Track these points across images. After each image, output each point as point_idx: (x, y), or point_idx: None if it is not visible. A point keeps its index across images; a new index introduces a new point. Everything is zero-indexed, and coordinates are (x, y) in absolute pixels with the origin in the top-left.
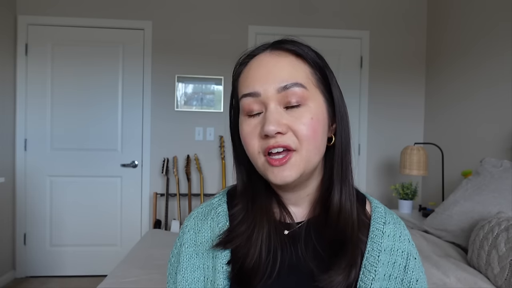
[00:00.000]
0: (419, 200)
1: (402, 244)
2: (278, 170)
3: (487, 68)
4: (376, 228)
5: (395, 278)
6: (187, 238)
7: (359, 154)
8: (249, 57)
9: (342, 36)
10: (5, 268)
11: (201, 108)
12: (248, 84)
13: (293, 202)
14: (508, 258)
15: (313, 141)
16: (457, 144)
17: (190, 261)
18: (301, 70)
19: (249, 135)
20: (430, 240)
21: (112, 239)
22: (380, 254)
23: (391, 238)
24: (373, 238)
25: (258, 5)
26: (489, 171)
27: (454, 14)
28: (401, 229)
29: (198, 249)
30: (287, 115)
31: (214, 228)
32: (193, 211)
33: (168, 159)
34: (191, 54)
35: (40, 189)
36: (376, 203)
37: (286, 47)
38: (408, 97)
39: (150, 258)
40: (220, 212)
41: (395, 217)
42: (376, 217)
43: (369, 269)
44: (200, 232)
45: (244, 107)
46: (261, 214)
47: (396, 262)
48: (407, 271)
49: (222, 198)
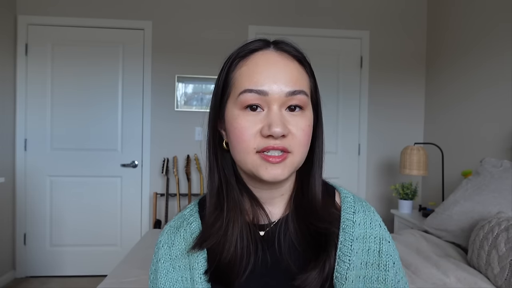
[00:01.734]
0: (419, 200)
1: (374, 230)
2: (272, 167)
3: (487, 68)
4: (347, 218)
5: (371, 265)
6: (162, 253)
7: (359, 154)
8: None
9: (342, 36)
10: (5, 268)
11: (201, 108)
12: (256, 80)
13: (268, 201)
14: (508, 258)
15: (305, 146)
16: (457, 144)
17: (168, 275)
18: (304, 78)
19: (246, 131)
20: (430, 240)
21: (112, 239)
22: (353, 243)
23: (362, 226)
24: (344, 228)
25: (258, 5)
26: (489, 171)
27: (454, 14)
28: (371, 215)
29: (174, 263)
30: (290, 119)
31: (188, 238)
32: (166, 226)
33: (168, 159)
34: (191, 54)
35: (40, 189)
36: (345, 193)
37: (291, 51)
38: (408, 97)
39: (150, 258)
40: (192, 221)
41: (364, 204)
42: (345, 207)
43: (343, 259)
44: (174, 246)
45: (243, 101)
46: (234, 211)
47: (370, 248)
48: (382, 255)
49: (194, 208)
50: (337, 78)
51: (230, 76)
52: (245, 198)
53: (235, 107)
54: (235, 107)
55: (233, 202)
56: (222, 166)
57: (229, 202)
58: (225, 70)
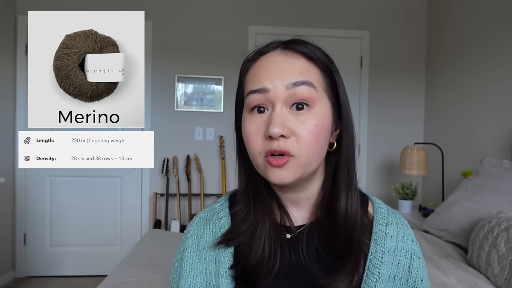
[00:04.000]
0: (419, 200)
1: (406, 244)
2: (277, 171)
3: (487, 68)
4: (379, 230)
5: (399, 279)
6: (190, 243)
7: (359, 154)
8: (258, 54)
9: (342, 36)
10: (5, 268)
11: (201, 108)
12: (258, 80)
13: (294, 204)
14: (508, 258)
15: (314, 147)
16: (457, 144)
17: (192, 266)
18: (312, 72)
19: (253, 134)
20: (430, 240)
21: (112, 239)
22: (384, 256)
23: (394, 238)
24: (376, 240)
25: (258, 5)
26: (489, 171)
27: (454, 14)
28: (404, 229)
29: (201, 254)
30: (293, 118)
31: (216, 232)
32: (196, 217)
33: (168, 159)
34: (191, 54)
35: (40, 189)
36: (379, 203)
37: (298, 48)
38: (408, 97)
39: (150, 258)
40: (222, 216)
41: (398, 216)
42: (378, 218)
43: (372, 271)
44: (202, 237)
45: (249, 104)
46: (263, 213)
47: (400, 262)
48: (412, 271)
49: (224, 203)
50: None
51: (241, 80)
52: (273, 200)
53: (245, 110)
54: (245, 111)
55: (261, 204)
56: (249, 169)
57: (256, 204)
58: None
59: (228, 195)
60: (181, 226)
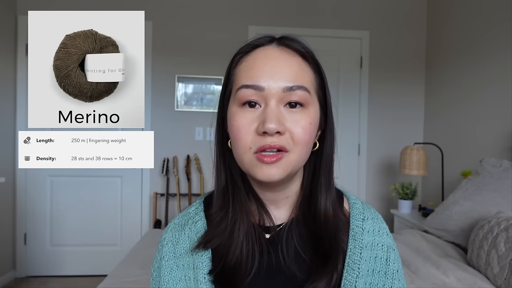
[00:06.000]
0: (419, 200)
1: (382, 238)
2: (267, 167)
3: (486, 68)
4: (356, 226)
5: (378, 272)
6: (166, 251)
7: (359, 154)
8: (251, 47)
9: (342, 36)
10: (5, 268)
11: (201, 108)
12: (252, 75)
13: (272, 203)
14: (507, 258)
15: (306, 145)
16: (457, 144)
17: (171, 274)
18: (307, 74)
19: (243, 129)
20: (430, 240)
21: (112, 239)
22: (362, 251)
23: (371, 233)
24: (353, 235)
25: (258, 6)
26: (489, 171)
27: (453, 14)
28: (379, 223)
29: (178, 261)
30: (287, 116)
31: (193, 237)
32: (170, 223)
33: (168, 159)
34: (191, 54)
35: (41, 188)
36: (354, 199)
37: (294, 46)
38: (408, 97)
39: (150, 258)
40: (197, 220)
41: (373, 211)
42: (354, 214)
43: (352, 267)
44: (178, 244)
45: (241, 98)
46: (240, 212)
47: (378, 256)
48: (389, 263)
49: (199, 206)
50: (337, 78)
51: (231, 73)
52: (251, 199)
53: (233, 104)
54: (233, 104)
55: (239, 203)
56: (229, 166)
57: (235, 203)
58: (228, 67)
59: (202, 198)
60: None
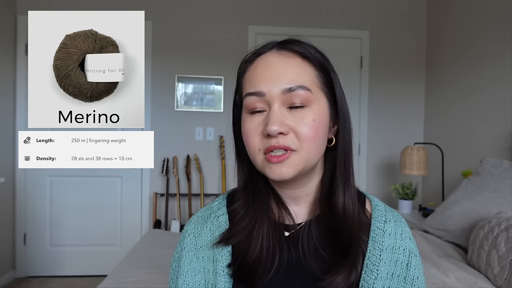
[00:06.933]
0: (419, 200)
1: (404, 242)
2: (276, 167)
3: (486, 68)
4: (377, 227)
5: (397, 277)
6: (188, 242)
7: (359, 154)
8: (255, 55)
9: (342, 36)
10: (5, 268)
11: (201, 108)
12: (254, 83)
13: (293, 201)
14: (508, 258)
15: (314, 142)
16: (457, 144)
17: (191, 265)
18: (307, 73)
19: (251, 132)
20: (430, 240)
21: (112, 239)
22: (382, 253)
23: (392, 236)
24: (374, 237)
25: (258, 5)
26: (489, 171)
27: (454, 14)
28: (402, 226)
29: (199, 253)
30: (290, 116)
31: (214, 231)
32: (193, 216)
33: (168, 159)
34: (191, 54)
35: (40, 189)
36: (376, 201)
37: (293, 48)
38: (408, 97)
39: (150, 258)
40: (220, 215)
41: (396, 214)
42: (376, 216)
43: (371, 268)
44: (200, 236)
45: (247, 105)
46: (261, 211)
47: (398, 260)
48: (410, 268)
49: (222, 201)
50: None
51: (240, 81)
52: (271, 197)
53: (244, 111)
54: (244, 111)
55: (259, 202)
56: (248, 167)
57: (255, 201)
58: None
59: (226, 194)
60: (181, 226)
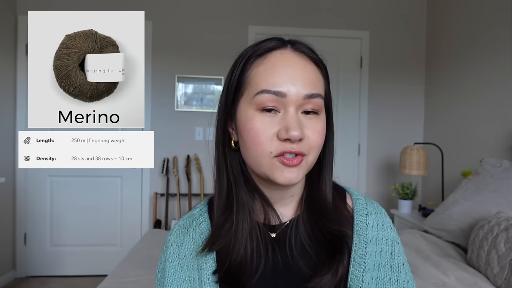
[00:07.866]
0: (419, 200)
1: (386, 232)
2: (288, 171)
3: (486, 68)
4: (360, 221)
5: (384, 266)
6: (171, 252)
7: (359, 154)
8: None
9: (342, 36)
10: (5, 268)
11: (201, 108)
12: (274, 81)
13: (278, 202)
14: (507, 258)
15: (320, 149)
16: (457, 144)
17: (175, 275)
18: (321, 81)
19: (264, 133)
20: (430, 240)
21: (112, 239)
22: (367, 246)
23: (375, 228)
24: (358, 231)
25: (258, 5)
26: (489, 171)
27: (454, 15)
28: (383, 217)
29: (183, 262)
30: (305, 123)
31: (197, 239)
32: (175, 225)
33: (168, 159)
34: (191, 54)
35: (41, 189)
36: (356, 194)
37: (309, 54)
38: (408, 97)
39: (150, 258)
40: (201, 221)
41: (376, 206)
42: (358, 210)
43: (358, 261)
44: (183, 245)
45: (260, 103)
46: (243, 212)
47: (383, 250)
48: (394, 257)
49: (204, 208)
50: (337, 78)
51: (246, 75)
52: (256, 198)
53: (250, 107)
54: (250, 107)
55: (242, 203)
56: (231, 166)
57: (238, 203)
58: (239, 68)
59: (207, 199)
60: None
